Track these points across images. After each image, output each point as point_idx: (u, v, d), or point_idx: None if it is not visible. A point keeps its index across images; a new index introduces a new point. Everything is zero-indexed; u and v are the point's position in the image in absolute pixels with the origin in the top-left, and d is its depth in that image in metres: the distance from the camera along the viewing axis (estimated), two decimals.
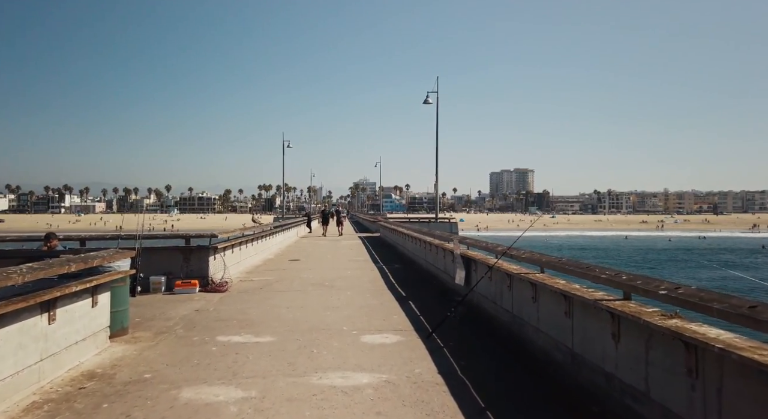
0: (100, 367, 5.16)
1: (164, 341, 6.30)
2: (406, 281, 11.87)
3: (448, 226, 33.01)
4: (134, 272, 6.58)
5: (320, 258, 17.38)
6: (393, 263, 15.74)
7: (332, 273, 13.17)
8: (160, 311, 8.16)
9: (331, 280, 11.86)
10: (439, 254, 12.22)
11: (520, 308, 6.52)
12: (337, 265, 15.25)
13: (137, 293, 9.68)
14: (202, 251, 10.64)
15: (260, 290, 10.40)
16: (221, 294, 9.92)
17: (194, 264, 10.56)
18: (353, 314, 7.96)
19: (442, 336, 6.42)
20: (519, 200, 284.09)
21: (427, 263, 14.13)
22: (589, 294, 4.54)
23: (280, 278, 12.24)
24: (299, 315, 7.89)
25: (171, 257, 10.53)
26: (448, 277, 11.06)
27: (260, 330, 6.87)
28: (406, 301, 9.12)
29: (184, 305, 8.79)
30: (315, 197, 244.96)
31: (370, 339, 6.40)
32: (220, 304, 8.88)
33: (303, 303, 8.89)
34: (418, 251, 15.80)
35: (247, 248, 14.75)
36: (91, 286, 5.35)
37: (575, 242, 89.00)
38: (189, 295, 9.78)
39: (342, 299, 9.27)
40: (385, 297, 9.55)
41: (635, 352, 3.88)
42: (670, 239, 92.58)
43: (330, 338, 6.42)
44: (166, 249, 10.67)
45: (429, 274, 13.11)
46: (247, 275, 12.78)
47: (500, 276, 7.13)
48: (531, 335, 6.03)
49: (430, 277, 12.63)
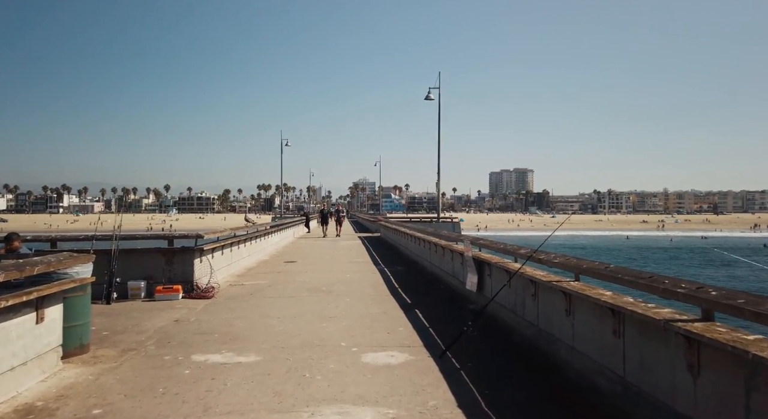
0: (42, 399, 4.19)
1: (130, 361, 5.34)
2: (410, 285, 10.91)
3: (451, 226, 32.05)
4: (94, 279, 5.61)
5: (318, 260, 16.42)
6: (395, 266, 14.78)
7: (330, 277, 12.21)
8: (134, 322, 7.19)
9: (328, 285, 10.90)
10: (446, 256, 11.26)
11: (548, 321, 5.56)
12: (336, 267, 14.29)
13: (113, 301, 8.72)
14: (186, 253, 9.67)
15: (250, 297, 9.43)
16: (206, 301, 8.96)
17: (178, 268, 9.60)
18: (353, 325, 7.00)
19: (457, 354, 5.46)
20: (519, 199, 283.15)
21: (432, 265, 13.18)
22: (653, 311, 3.59)
23: (273, 283, 11.28)
24: (291, 326, 6.92)
25: (152, 259, 9.56)
26: (457, 281, 10.12)
27: (245, 346, 5.90)
28: (411, 309, 8.16)
29: (163, 314, 7.82)
30: (314, 197, 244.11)
31: (374, 358, 5.44)
32: (204, 313, 7.92)
33: (297, 312, 7.92)
34: (422, 253, 14.85)
35: (239, 249, 13.79)
36: (34, 298, 4.39)
37: (577, 242, 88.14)
38: (170, 302, 8.82)
39: (340, 308, 8.31)
40: (388, 305, 8.58)
41: (726, 392, 2.92)
42: (672, 239, 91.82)
43: (326, 357, 5.46)
44: (147, 251, 9.70)
45: (435, 277, 12.15)
46: (238, 279, 11.82)
47: (522, 283, 6.18)
48: (564, 354, 5.08)
49: (436, 281, 11.67)
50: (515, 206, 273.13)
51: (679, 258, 53.84)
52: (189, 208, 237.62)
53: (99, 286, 8.68)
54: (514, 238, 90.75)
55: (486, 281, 8.03)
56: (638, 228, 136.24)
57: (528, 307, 6.17)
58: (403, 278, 11.98)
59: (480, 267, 8.22)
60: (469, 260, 8.41)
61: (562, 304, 5.12)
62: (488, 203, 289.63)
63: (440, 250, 11.86)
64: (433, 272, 12.76)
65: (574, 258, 5.13)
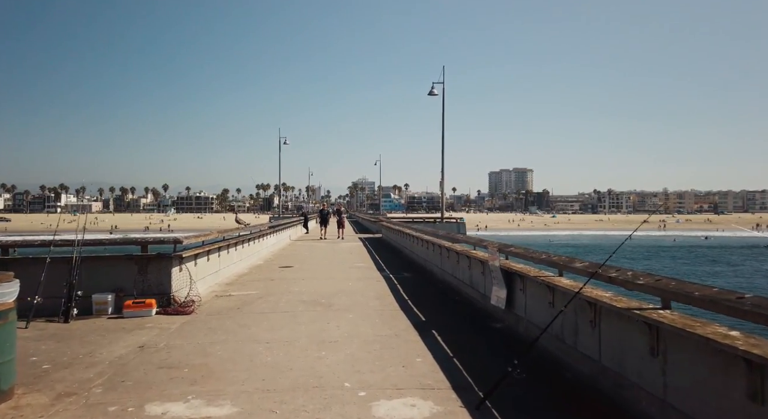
0: None
1: (61, 415, 3.99)
2: (421, 296, 9.56)
3: (455, 226, 30.71)
4: (13, 305, 4.25)
5: (316, 265, 15.06)
6: (401, 272, 13.42)
7: (330, 285, 10.86)
8: (88, 350, 5.84)
9: (328, 296, 9.55)
10: (461, 263, 9.91)
11: (617, 359, 4.21)
12: (336, 274, 12.94)
13: (72, 318, 7.37)
14: (163, 260, 8.31)
15: (237, 312, 8.08)
16: (184, 318, 7.60)
17: (152, 278, 8.24)
18: (358, 354, 5.65)
19: (498, 403, 4.11)
20: (519, 199, 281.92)
21: (443, 272, 11.83)
22: None
23: (265, 293, 9.92)
24: (282, 356, 5.57)
25: (122, 268, 8.20)
26: (476, 293, 8.77)
27: (220, 388, 4.55)
28: (427, 330, 6.81)
29: (129, 337, 6.47)
30: (314, 197, 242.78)
31: (388, 410, 4.08)
32: (178, 335, 6.56)
33: (290, 335, 6.57)
34: (431, 258, 13.49)
35: (228, 253, 12.43)
36: None
37: (579, 242, 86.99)
38: (141, 319, 7.46)
39: (342, 327, 6.96)
40: (399, 324, 7.23)
41: None
42: (675, 240, 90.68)
43: (325, 407, 4.11)
44: (116, 259, 8.32)
45: (447, 287, 10.80)
46: (226, 289, 10.46)
47: (574, 304, 4.84)
48: (648, 409, 3.74)
49: (449, 291, 10.32)
50: (515, 205, 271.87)
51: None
52: (187, 208, 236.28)
53: (57, 300, 7.39)
54: (517, 237, 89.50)
55: (517, 297, 6.68)
56: (641, 228, 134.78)
57: (583, 336, 4.83)
58: (412, 288, 10.63)
59: (509, 280, 6.87)
60: (496, 270, 7.07)
61: (644, 339, 3.77)
62: (488, 202, 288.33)
63: (454, 255, 10.52)
64: (446, 281, 11.42)
65: (664, 278, 3.76)
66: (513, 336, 6.53)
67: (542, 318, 5.84)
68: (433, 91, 31.33)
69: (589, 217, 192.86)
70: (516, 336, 6.50)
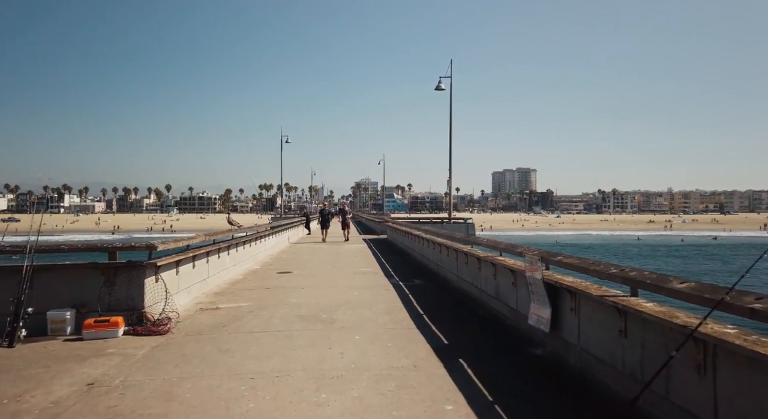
0: None
1: None
2: (438, 310, 8.23)
3: (463, 226, 29.33)
4: None
5: (318, 270, 13.74)
6: (411, 278, 12.09)
7: (332, 296, 9.54)
8: (18, 390, 4.53)
9: (330, 308, 8.23)
10: (485, 271, 8.57)
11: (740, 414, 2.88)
12: (339, 280, 11.61)
13: (20, 340, 6.07)
14: (133, 270, 6.99)
15: (221, 331, 6.76)
16: (157, 340, 6.29)
17: (121, 290, 6.93)
18: (369, 398, 4.32)
19: None
20: (522, 199, 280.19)
21: (460, 279, 10.49)
22: None
23: (258, 305, 8.61)
24: (268, 403, 4.23)
25: (85, 279, 6.88)
26: (504, 307, 7.43)
27: None
28: (453, 358, 5.48)
29: (79, 369, 5.15)
30: (316, 197, 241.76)
31: None
32: (141, 367, 5.25)
33: (282, 365, 5.25)
34: (445, 263, 12.14)
35: (219, 258, 11.13)
36: None
37: (586, 242, 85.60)
38: (103, 343, 6.15)
39: (347, 354, 5.63)
40: (416, 348, 5.90)
41: None
42: (683, 240, 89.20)
43: None
44: (78, 268, 6.98)
45: (467, 297, 9.45)
46: (214, 300, 9.15)
47: (657, 335, 3.49)
48: None
49: (469, 302, 8.97)
50: (519, 205, 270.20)
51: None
52: (190, 208, 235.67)
53: (2, 319, 6.09)
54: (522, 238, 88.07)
55: (566, 319, 5.34)
56: (646, 228, 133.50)
57: (682, 384, 3.49)
58: (425, 298, 9.30)
59: (555, 296, 5.54)
60: (538, 284, 5.73)
61: None
62: (491, 202, 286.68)
63: (474, 261, 9.18)
64: (463, 289, 10.08)
65: None
66: (562, 368, 5.19)
67: (606, 348, 4.50)
68: (441, 86, 29.97)
69: (593, 217, 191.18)
70: (566, 368, 5.17)
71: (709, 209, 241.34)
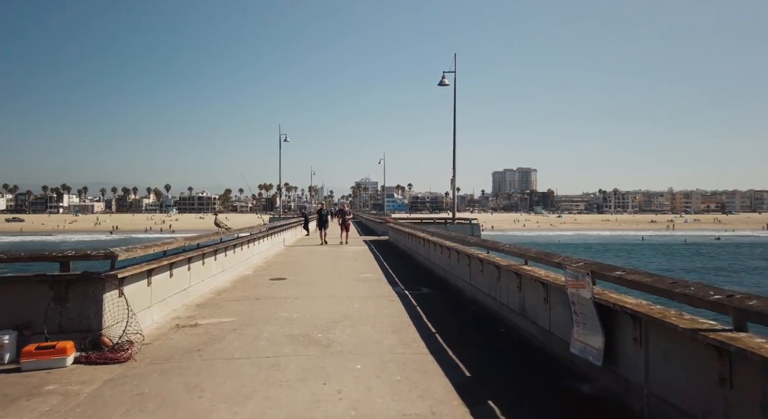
0: None
1: None
2: (453, 328, 7.05)
3: (469, 227, 28.13)
4: None
5: (315, 276, 12.56)
6: (418, 286, 10.92)
7: (330, 308, 8.37)
8: None
9: (327, 326, 7.06)
10: (506, 282, 7.39)
11: None
12: (338, 289, 10.44)
13: None
14: (90, 283, 5.81)
15: (194, 358, 5.59)
16: (113, 371, 5.12)
17: (74, 308, 5.75)
18: None
19: None
20: (523, 199, 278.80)
21: (474, 289, 9.31)
22: None
23: (243, 321, 7.43)
24: None
25: (29, 294, 5.71)
26: (532, 326, 6.26)
27: None
28: (481, 401, 4.30)
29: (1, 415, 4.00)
30: (316, 197, 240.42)
31: None
32: (81, 415, 4.08)
33: (262, 412, 4.08)
34: (456, 270, 10.95)
35: (205, 264, 9.97)
36: None
37: (588, 242, 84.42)
38: (46, 374, 4.99)
39: (346, 396, 4.46)
40: (433, 386, 4.71)
41: None
42: (686, 240, 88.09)
43: None
44: (21, 281, 5.78)
45: (484, 312, 8.27)
46: (194, 313, 7.98)
47: None
48: None
49: (488, 318, 7.79)
50: (519, 205, 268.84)
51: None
52: (190, 208, 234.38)
53: None
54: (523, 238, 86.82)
55: (626, 351, 4.17)
56: (648, 228, 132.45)
57: None
58: (436, 312, 8.13)
59: (610, 320, 4.37)
60: (586, 305, 4.55)
61: None
62: (492, 202, 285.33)
63: (493, 270, 8.01)
64: (479, 301, 8.90)
65: None
66: (623, 414, 4.03)
67: (695, 398, 3.34)
68: (444, 81, 28.79)
69: (595, 217, 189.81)
70: (628, 414, 4.00)
71: (710, 209, 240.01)
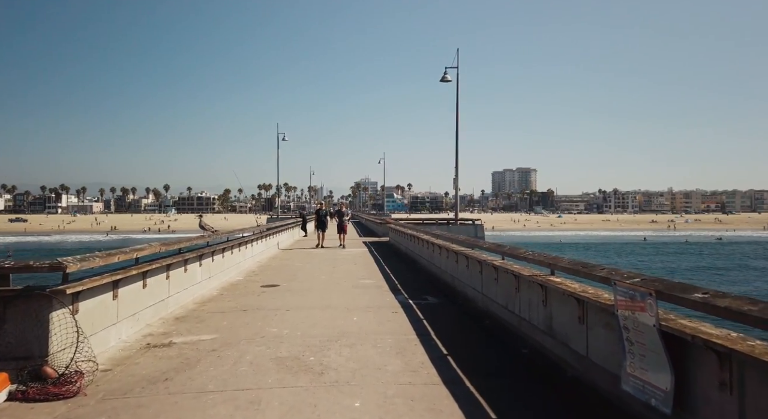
0: None
1: None
2: (467, 349, 6.06)
3: (472, 229, 27.11)
4: None
5: (310, 282, 11.57)
6: (423, 294, 9.93)
7: (325, 322, 7.38)
8: None
9: (320, 346, 6.07)
10: (527, 294, 6.39)
11: None
12: (335, 298, 9.45)
13: None
14: (32, 300, 4.82)
15: (158, 391, 4.59)
16: (54, 411, 4.13)
17: (12, 330, 4.76)
18: None
19: None
20: (523, 199, 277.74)
21: (485, 299, 8.30)
22: None
23: (225, 339, 6.44)
24: None
25: None
26: (563, 349, 5.26)
27: None
28: None
29: None
30: (316, 197, 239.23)
31: None
32: None
33: None
34: (464, 276, 9.91)
35: (187, 271, 9.00)
36: None
37: (592, 242, 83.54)
38: None
39: None
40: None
41: None
42: (687, 241, 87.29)
43: None
44: None
45: (498, 324, 7.25)
46: (170, 329, 6.99)
47: None
48: None
49: (504, 333, 6.78)
50: (519, 205, 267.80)
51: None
52: (189, 208, 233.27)
53: None
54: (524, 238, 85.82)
55: (707, 397, 3.18)
56: (649, 228, 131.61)
57: None
58: (446, 327, 7.14)
59: (680, 353, 3.39)
60: (649, 333, 3.57)
61: None
62: (492, 202, 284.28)
63: (509, 279, 7.02)
64: (491, 313, 7.90)
65: None
66: None
67: None
68: (446, 77, 27.85)
69: (595, 217, 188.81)
70: None
71: (710, 209, 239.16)
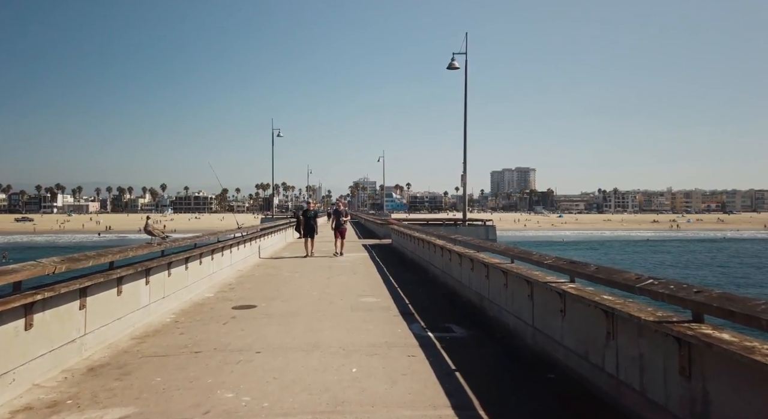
0: None
1: None
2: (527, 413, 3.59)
3: (483, 230, 24.59)
4: None
5: (296, 303, 9.02)
6: (444, 321, 7.39)
7: (308, 381, 4.85)
8: None
9: None
10: (625, 339, 3.87)
11: None
12: (327, 330, 6.92)
13: None
14: None
15: None
16: None
17: None
18: None
19: None
20: (523, 199, 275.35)
21: (544, 337, 5.75)
22: None
23: (151, 413, 3.95)
24: None
25: None
26: None
27: None
28: None
29: None
30: (314, 196, 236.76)
31: None
32: None
33: None
34: (503, 300, 7.25)
35: (121, 295, 6.48)
36: None
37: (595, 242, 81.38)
38: None
39: None
40: None
41: None
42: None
43: None
44: None
45: (582, 388, 4.76)
46: (64, 395, 4.47)
47: None
48: None
49: (601, 408, 4.31)
50: (519, 205, 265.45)
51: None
52: (186, 207, 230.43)
53: None
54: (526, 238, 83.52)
55: None
56: (651, 228, 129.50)
57: None
58: (493, 387, 4.64)
59: None
60: None
61: None
62: (491, 202, 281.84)
63: (594, 314, 4.52)
64: (554, 359, 5.38)
65: None
66: None
67: None
68: (454, 64, 25.35)
69: (596, 217, 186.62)
70: None
71: (710, 209, 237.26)
